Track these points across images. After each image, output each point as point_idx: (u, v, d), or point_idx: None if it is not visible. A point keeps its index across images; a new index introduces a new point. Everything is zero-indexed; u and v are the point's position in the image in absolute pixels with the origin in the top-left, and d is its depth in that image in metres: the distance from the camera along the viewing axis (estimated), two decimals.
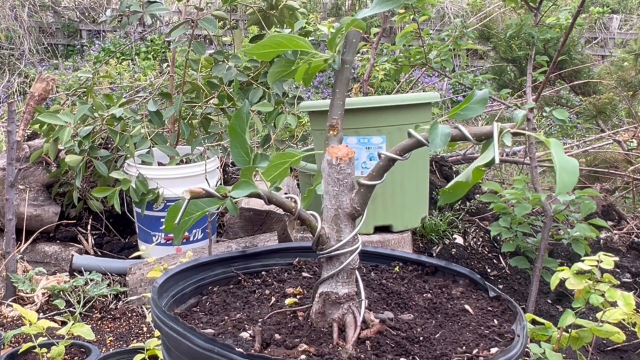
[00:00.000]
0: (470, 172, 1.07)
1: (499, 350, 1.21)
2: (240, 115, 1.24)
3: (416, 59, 3.19)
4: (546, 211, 2.66)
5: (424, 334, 1.28)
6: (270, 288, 1.47)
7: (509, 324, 1.36)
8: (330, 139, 1.31)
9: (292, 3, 3.21)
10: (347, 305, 1.26)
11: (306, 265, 1.61)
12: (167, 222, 1.23)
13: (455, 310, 1.40)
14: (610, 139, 4.11)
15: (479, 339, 1.28)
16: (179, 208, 1.20)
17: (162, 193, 3.02)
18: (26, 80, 7.86)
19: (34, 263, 3.06)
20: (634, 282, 3.03)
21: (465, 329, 1.32)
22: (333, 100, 1.35)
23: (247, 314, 1.33)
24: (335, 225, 1.26)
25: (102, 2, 9.27)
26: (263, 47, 1.27)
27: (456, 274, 1.55)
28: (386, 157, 1.20)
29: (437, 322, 1.35)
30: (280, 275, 1.55)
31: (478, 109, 1.15)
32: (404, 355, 1.19)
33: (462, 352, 1.22)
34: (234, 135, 1.24)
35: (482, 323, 1.35)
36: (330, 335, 1.24)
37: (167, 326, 1.16)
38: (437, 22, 8.60)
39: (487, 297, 1.47)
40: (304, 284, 1.48)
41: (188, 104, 3.33)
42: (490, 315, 1.40)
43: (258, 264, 1.60)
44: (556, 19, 2.97)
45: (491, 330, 1.33)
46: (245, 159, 1.25)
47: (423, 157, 2.84)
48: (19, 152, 3.01)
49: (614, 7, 8.82)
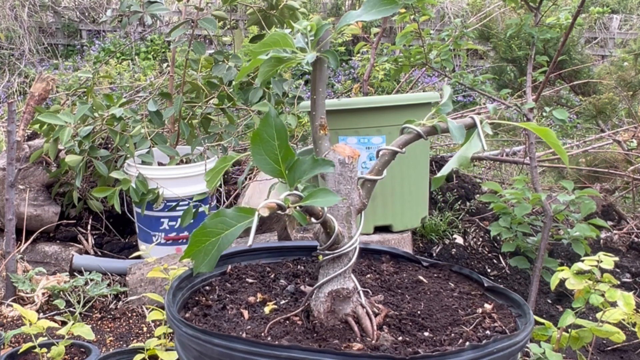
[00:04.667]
0: (459, 160, 1.14)
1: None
2: (268, 121, 1.16)
3: (416, 59, 3.19)
4: (546, 211, 2.66)
5: (417, 310, 1.38)
6: (225, 301, 1.38)
7: (462, 285, 1.53)
8: (323, 139, 1.34)
9: (292, 3, 3.21)
10: (355, 298, 1.28)
11: (241, 271, 1.54)
12: (190, 247, 1.10)
13: (412, 282, 1.54)
14: (610, 139, 4.10)
15: (456, 303, 1.43)
16: (206, 232, 1.08)
17: (162, 193, 3.02)
18: (26, 80, 7.86)
19: (34, 263, 3.06)
20: (634, 282, 3.03)
21: (438, 301, 1.45)
22: (318, 100, 1.36)
23: (240, 333, 1.27)
24: (347, 223, 1.29)
25: (102, 2, 9.27)
26: (264, 45, 1.26)
27: (381, 252, 1.71)
28: (390, 151, 1.27)
29: (411, 297, 1.46)
30: (225, 285, 1.47)
31: (450, 104, 1.30)
32: (422, 329, 1.29)
33: (464, 316, 1.36)
34: (259, 141, 1.16)
35: (441, 289, 1.52)
36: (350, 329, 1.26)
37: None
38: (437, 22, 8.60)
39: (422, 266, 1.66)
40: (260, 290, 1.44)
41: (188, 104, 3.33)
42: (427, 274, 1.61)
43: (199, 279, 1.49)
44: (556, 19, 2.97)
45: (449, 294, 1.49)
46: (274, 166, 1.17)
47: (423, 157, 2.84)
48: (19, 152, 3.01)
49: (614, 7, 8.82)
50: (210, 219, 1.11)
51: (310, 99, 1.38)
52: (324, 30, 1.29)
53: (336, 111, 2.70)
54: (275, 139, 1.15)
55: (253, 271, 1.55)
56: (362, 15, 1.27)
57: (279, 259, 1.65)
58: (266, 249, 1.66)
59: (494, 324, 1.34)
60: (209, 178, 1.34)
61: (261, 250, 1.65)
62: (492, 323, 1.34)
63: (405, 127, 1.27)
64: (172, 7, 8.23)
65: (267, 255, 1.65)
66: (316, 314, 1.28)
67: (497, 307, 1.42)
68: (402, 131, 1.27)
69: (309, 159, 1.18)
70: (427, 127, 1.27)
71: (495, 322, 1.35)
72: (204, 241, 1.10)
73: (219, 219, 1.10)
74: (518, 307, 1.42)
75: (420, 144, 2.86)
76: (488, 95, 3.30)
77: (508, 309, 1.42)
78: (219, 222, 1.10)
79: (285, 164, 1.16)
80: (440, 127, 1.26)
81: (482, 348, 1.12)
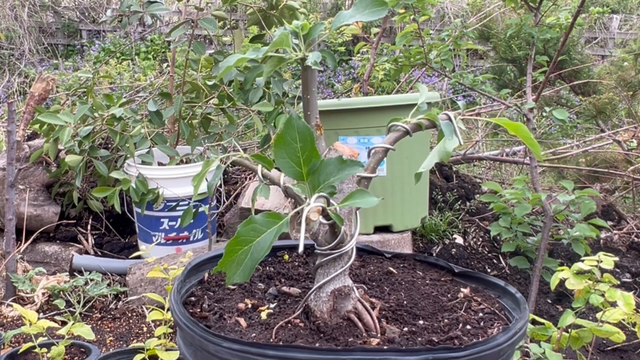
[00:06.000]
0: (440, 154, 1.19)
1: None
2: (290, 123, 1.13)
3: (416, 59, 3.19)
4: (546, 211, 2.66)
5: (403, 300, 1.40)
6: (219, 311, 1.34)
7: (430, 273, 1.57)
8: (319, 139, 1.35)
9: (292, 3, 3.21)
10: (354, 295, 1.29)
11: (218, 278, 1.49)
12: (224, 258, 1.05)
13: (383, 274, 1.56)
14: (610, 139, 4.10)
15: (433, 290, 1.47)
16: (239, 240, 1.04)
17: (162, 193, 3.02)
18: (26, 80, 7.85)
19: (34, 263, 3.06)
20: (634, 282, 3.03)
21: (416, 290, 1.48)
22: (312, 100, 1.36)
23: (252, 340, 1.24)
24: (348, 222, 1.29)
25: (102, 2, 9.27)
26: (274, 45, 1.24)
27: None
28: (382, 149, 1.29)
29: (390, 289, 1.48)
30: (209, 294, 1.42)
31: (425, 105, 1.34)
32: (416, 318, 1.32)
33: (448, 301, 1.39)
34: (282, 144, 1.13)
35: (413, 278, 1.55)
36: (353, 326, 1.26)
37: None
38: (437, 22, 8.60)
39: (386, 258, 1.67)
40: (244, 295, 1.40)
41: (188, 104, 3.33)
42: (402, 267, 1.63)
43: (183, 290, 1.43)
44: (556, 19, 2.97)
45: (423, 282, 1.53)
46: (296, 169, 1.14)
47: (423, 157, 2.84)
48: (19, 152, 3.01)
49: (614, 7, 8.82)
50: (242, 226, 1.08)
51: (302, 99, 1.38)
52: (317, 30, 1.28)
53: (336, 111, 2.70)
54: (297, 141, 1.13)
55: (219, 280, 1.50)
56: (355, 16, 1.26)
57: None
58: None
59: (481, 306, 1.38)
60: (195, 183, 1.32)
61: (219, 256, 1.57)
62: (478, 305, 1.39)
63: (392, 125, 1.30)
64: (172, 7, 8.23)
65: None
66: (319, 314, 1.27)
67: (473, 290, 1.47)
68: (389, 129, 1.31)
69: (334, 160, 1.14)
70: (412, 124, 1.30)
71: (480, 304, 1.40)
72: (237, 250, 1.07)
73: (250, 226, 1.07)
74: (493, 287, 1.47)
75: (421, 144, 2.87)
76: (488, 95, 3.30)
77: (484, 291, 1.47)
78: (250, 230, 1.07)
79: (309, 166, 1.13)
80: (424, 124, 1.28)
81: (509, 330, 1.20)
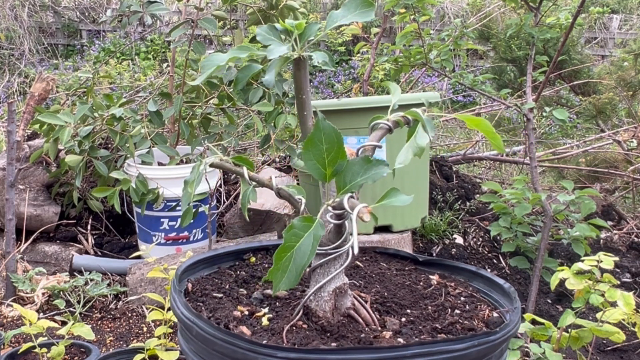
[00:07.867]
0: (414, 150, 1.17)
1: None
2: (318, 125, 1.13)
3: (416, 59, 3.19)
4: (546, 211, 2.66)
5: (384, 292, 1.41)
6: (218, 321, 1.31)
7: (392, 264, 1.59)
8: None
9: (292, 3, 3.21)
10: (350, 291, 1.30)
11: (202, 287, 1.47)
12: (273, 267, 1.03)
13: (351, 268, 1.57)
14: (610, 139, 4.11)
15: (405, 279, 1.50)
16: (284, 247, 1.02)
17: (162, 193, 3.02)
18: (26, 80, 7.86)
19: (34, 263, 3.06)
20: (634, 282, 3.03)
21: (388, 281, 1.50)
22: (307, 99, 1.36)
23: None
24: (349, 220, 1.29)
25: (102, 2, 9.27)
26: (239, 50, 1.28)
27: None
28: (371, 147, 1.31)
29: (365, 282, 1.49)
30: (197, 305, 1.38)
31: (396, 106, 1.36)
32: (404, 308, 1.34)
33: (423, 289, 1.42)
34: (310, 146, 1.12)
35: (380, 269, 1.56)
36: (354, 321, 1.28)
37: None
38: (437, 22, 8.60)
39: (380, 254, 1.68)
40: (233, 302, 1.38)
41: (188, 104, 3.33)
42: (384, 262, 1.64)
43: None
44: (556, 19, 2.97)
45: (391, 272, 1.54)
46: (321, 170, 1.14)
47: (423, 157, 2.84)
48: (19, 152, 3.01)
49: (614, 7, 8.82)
50: (285, 232, 1.07)
51: (296, 100, 1.37)
52: (313, 30, 1.28)
53: (336, 111, 2.70)
54: (323, 142, 1.12)
55: (210, 285, 1.48)
56: (347, 16, 1.26)
57: (215, 269, 1.57)
58: (201, 261, 1.56)
59: (457, 291, 1.41)
60: (187, 189, 1.32)
61: (197, 263, 1.55)
62: (454, 290, 1.42)
63: (375, 123, 1.33)
64: (172, 7, 8.23)
65: (204, 266, 1.57)
66: (321, 313, 1.28)
67: (441, 277, 1.50)
68: (371, 128, 1.33)
69: (360, 161, 1.13)
70: (392, 121, 1.32)
71: (455, 288, 1.42)
72: (282, 257, 1.06)
73: (292, 231, 1.06)
74: (460, 272, 1.51)
75: None
76: (488, 95, 3.30)
77: (452, 277, 1.50)
78: (292, 235, 1.06)
79: (334, 167, 1.12)
80: (401, 121, 1.31)
81: (516, 310, 1.25)
